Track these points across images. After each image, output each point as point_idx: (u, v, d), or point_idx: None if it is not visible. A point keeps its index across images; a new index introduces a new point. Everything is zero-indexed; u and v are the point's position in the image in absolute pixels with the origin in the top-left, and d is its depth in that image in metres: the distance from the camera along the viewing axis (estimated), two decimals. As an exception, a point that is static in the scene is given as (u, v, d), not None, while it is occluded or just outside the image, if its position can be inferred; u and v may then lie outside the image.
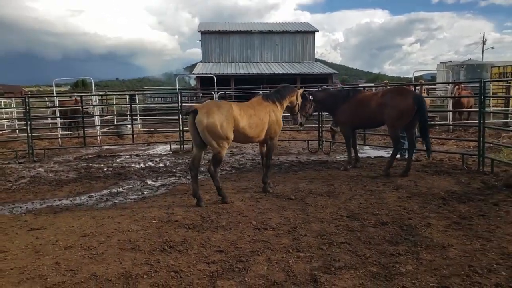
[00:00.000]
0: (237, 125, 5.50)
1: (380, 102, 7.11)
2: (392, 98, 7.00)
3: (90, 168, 8.60)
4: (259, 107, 5.92)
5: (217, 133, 5.29)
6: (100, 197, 6.16)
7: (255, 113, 5.79)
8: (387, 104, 6.98)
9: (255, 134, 5.83)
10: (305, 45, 36.28)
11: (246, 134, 5.69)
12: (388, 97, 7.07)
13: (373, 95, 7.57)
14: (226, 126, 5.34)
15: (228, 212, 5.14)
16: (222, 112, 5.34)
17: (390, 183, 6.48)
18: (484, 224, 4.46)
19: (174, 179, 7.32)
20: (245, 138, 5.83)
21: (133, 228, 4.60)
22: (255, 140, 6.03)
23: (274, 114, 6.00)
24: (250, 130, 5.71)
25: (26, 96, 10.59)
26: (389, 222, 4.59)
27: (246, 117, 5.65)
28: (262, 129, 5.87)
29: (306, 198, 5.73)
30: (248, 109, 5.78)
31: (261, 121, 5.84)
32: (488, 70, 27.64)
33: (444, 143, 10.92)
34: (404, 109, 6.84)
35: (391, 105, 6.92)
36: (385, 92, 7.35)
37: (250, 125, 5.68)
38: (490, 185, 6.15)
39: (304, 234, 4.29)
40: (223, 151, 5.50)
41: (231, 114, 5.42)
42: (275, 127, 6.04)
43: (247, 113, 5.69)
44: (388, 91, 7.46)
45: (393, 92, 7.29)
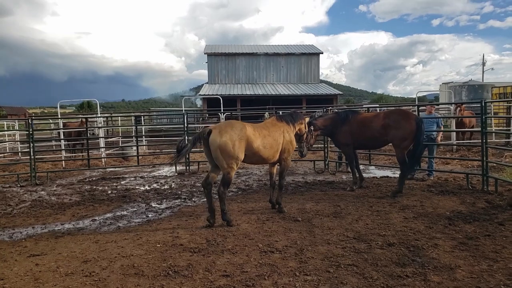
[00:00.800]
0: (250, 146, 5.52)
1: (385, 123, 7.20)
2: (398, 120, 7.12)
3: (94, 190, 8.59)
4: (273, 128, 5.98)
5: (229, 152, 5.32)
6: (104, 221, 6.12)
7: (269, 133, 5.84)
8: (393, 126, 7.09)
9: (270, 155, 5.86)
10: (310, 67, 36.78)
11: (260, 154, 5.70)
12: (394, 118, 7.17)
13: (375, 116, 7.65)
14: (238, 145, 5.38)
15: (234, 235, 5.09)
16: (235, 131, 5.40)
17: (396, 204, 6.43)
18: (490, 244, 4.41)
19: (179, 202, 7.28)
20: (259, 159, 5.83)
21: (137, 252, 4.55)
22: (270, 161, 6.03)
23: (288, 135, 6.08)
24: (265, 151, 5.73)
25: (30, 118, 10.68)
26: (396, 243, 4.53)
27: (260, 138, 5.68)
28: (277, 150, 5.93)
29: (313, 220, 5.68)
30: (262, 129, 5.83)
31: (276, 141, 5.88)
32: (488, 91, 27.81)
33: (449, 163, 10.87)
34: (410, 131, 6.98)
35: (398, 127, 7.04)
36: (388, 114, 7.43)
37: (264, 145, 5.71)
38: (494, 204, 6.11)
39: (311, 257, 4.24)
40: (232, 172, 5.52)
41: (245, 134, 5.45)
42: (289, 147, 6.11)
43: (261, 134, 5.73)
44: (392, 112, 7.56)
45: (399, 114, 7.39)
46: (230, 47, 38.86)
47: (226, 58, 35.93)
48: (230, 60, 35.96)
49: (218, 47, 38.68)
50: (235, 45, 40.72)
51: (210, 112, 23.70)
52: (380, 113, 7.74)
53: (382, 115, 7.49)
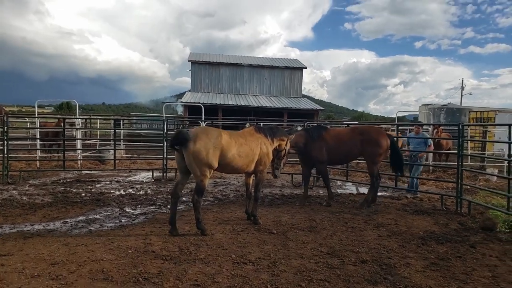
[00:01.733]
0: (225, 154, 5.43)
1: (363, 139, 7.49)
2: (375, 137, 7.49)
3: (68, 192, 8.33)
4: (251, 137, 5.93)
5: (203, 160, 5.24)
6: (75, 224, 5.94)
7: (246, 142, 5.78)
8: (372, 142, 7.42)
9: (244, 164, 5.79)
10: (293, 81, 37.20)
11: (235, 163, 5.63)
12: (372, 136, 7.51)
13: (350, 132, 7.90)
14: (212, 153, 5.30)
15: (208, 245, 5.03)
16: (210, 139, 5.32)
17: (371, 221, 6.50)
18: (461, 266, 4.50)
19: (154, 208, 7.15)
20: (234, 167, 5.75)
21: (107, 257, 4.43)
22: (244, 170, 5.96)
23: (265, 147, 6.03)
24: (240, 159, 5.67)
25: (6, 116, 10.34)
26: (369, 260, 4.57)
27: (236, 146, 5.62)
28: (252, 160, 5.86)
29: (288, 233, 5.68)
30: (238, 138, 5.77)
31: (252, 151, 5.82)
32: (466, 114, 28.89)
33: (424, 183, 11.11)
34: (386, 147, 7.54)
35: (376, 144, 7.41)
36: (364, 131, 7.75)
37: (239, 153, 5.65)
38: (467, 226, 6.25)
39: (284, 270, 4.22)
40: (205, 180, 5.43)
41: (219, 141, 5.38)
42: (265, 159, 6.06)
43: (238, 142, 5.68)
44: (367, 129, 7.90)
45: (375, 131, 7.75)
46: (215, 56, 38.97)
47: (210, 67, 35.97)
48: (214, 69, 36.02)
49: (202, 56, 38.72)
50: (220, 55, 40.87)
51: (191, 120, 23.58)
52: (354, 129, 8.02)
53: (358, 131, 7.77)
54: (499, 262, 4.65)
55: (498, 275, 4.24)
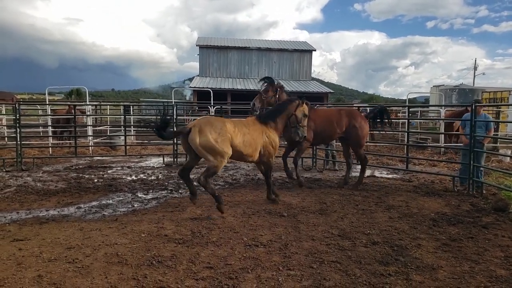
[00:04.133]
0: (232, 142, 5.52)
1: (348, 122, 7.55)
2: (360, 120, 7.61)
3: (80, 178, 8.46)
4: (253, 126, 5.93)
5: (214, 148, 5.29)
6: (89, 209, 6.05)
7: (249, 131, 5.80)
8: (357, 126, 7.52)
9: (249, 153, 5.81)
10: (302, 64, 36.73)
11: (240, 151, 5.67)
12: (356, 118, 7.60)
13: (336, 113, 7.77)
14: (221, 141, 5.36)
15: (219, 228, 5.09)
16: (215, 128, 5.36)
17: (382, 203, 6.48)
18: (473, 246, 4.48)
19: (166, 193, 7.23)
20: (239, 155, 5.80)
21: (121, 241, 4.52)
22: (249, 159, 5.99)
23: (267, 136, 5.99)
24: (244, 148, 5.69)
25: (17, 103, 10.47)
26: (380, 242, 4.57)
27: (240, 134, 5.65)
28: (255, 149, 5.86)
29: (298, 216, 5.70)
30: (242, 126, 5.78)
31: (254, 140, 5.82)
32: (479, 95, 28.24)
33: (436, 165, 11.00)
34: (368, 131, 7.85)
35: (361, 127, 7.55)
36: (349, 113, 7.73)
37: (244, 142, 5.68)
38: (479, 207, 6.20)
39: (295, 252, 4.26)
40: (221, 165, 5.49)
41: (226, 129, 5.44)
42: (269, 148, 6.02)
43: (241, 131, 5.70)
44: (352, 112, 7.85)
45: (359, 115, 7.83)
46: (223, 40, 38.57)
47: (218, 51, 35.66)
48: (222, 53, 35.71)
49: (210, 40, 38.33)
50: (228, 38, 40.43)
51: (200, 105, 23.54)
52: (340, 111, 7.87)
53: (344, 113, 7.72)
54: (511, 242, 4.61)
55: (511, 255, 4.21)
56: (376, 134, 19.41)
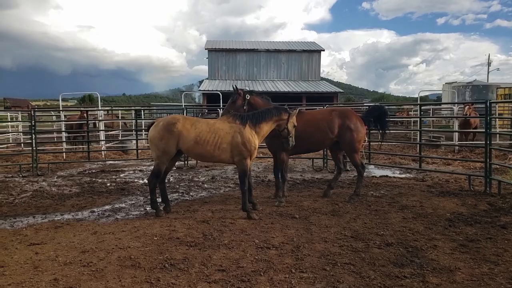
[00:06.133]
0: (182, 140, 5.57)
1: (340, 123, 6.56)
2: (356, 121, 6.62)
3: (93, 183, 8.57)
4: (221, 125, 5.68)
5: (156, 145, 5.63)
6: (102, 213, 6.11)
7: (210, 130, 5.60)
8: (350, 127, 6.52)
9: (208, 152, 5.60)
10: (311, 64, 36.60)
11: (194, 150, 5.64)
12: (351, 119, 6.60)
13: (324, 115, 6.76)
14: (165, 140, 5.57)
15: (231, 230, 5.08)
16: (166, 126, 5.59)
17: (395, 204, 6.39)
18: (492, 247, 4.36)
19: (177, 195, 7.27)
20: (199, 154, 5.80)
21: (134, 244, 4.54)
22: (215, 159, 5.80)
23: (239, 136, 5.56)
24: (197, 146, 5.57)
25: (32, 110, 10.68)
26: (394, 243, 4.50)
27: (194, 133, 5.56)
28: (218, 148, 5.58)
29: (310, 217, 5.66)
30: (203, 125, 5.66)
31: (216, 139, 5.56)
32: (493, 91, 27.64)
33: (450, 164, 10.81)
34: (364, 133, 6.90)
35: (356, 128, 6.55)
36: (341, 114, 6.70)
37: (197, 141, 5.54)
38: (497, 207, 6.04)
39: (308, 254, 4.22)
40: (161, 165, 5.72)
41: (175, 128, 5.54)
42: (240, 149, 5.56)
43: (199, 129, 5.59)
44: (346, 112, 6.78)
45: (354, 115, 6.80)
46: (231, 43, 38.73)
47: (227, 54, 35.80)
48: (230, 56, 35.83)
49: (219, 43, 38.54)
50: (236, 41, 40.57)
51: (209, 108, 23.64)
52: (332, 112, 6.81)
53: (336, 113, 6.68)
54: (531, 242, 4.49)
55: (531, 256, 4.09)
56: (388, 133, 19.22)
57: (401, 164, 10.99)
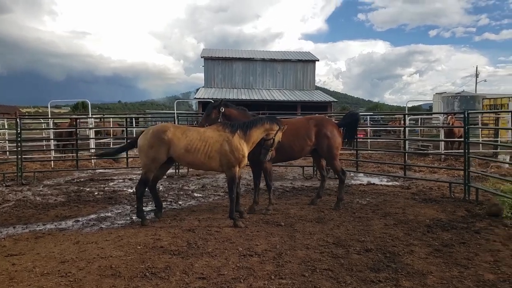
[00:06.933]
0: (173, 148, 5.66)
1: (318, 132, 6.70)
2: (332, 128, 6.77)
3: (81, 191, 8.55)
4: (211, 133, 5.74)
5: (145, 153, 5.71)
6: (87, 222, 6.11)
7: (200, 138, 5.66)
8: (326, 134, 6.66)
9: (201, 160, 5.68)
10: (306, 73, 37.05)
11: (185, 158, 5.72)
12: (327, 127, 6.74)
13: (302, 123, 6.89)
14: (156, 148, 5.66)
15: (216, 238, 5.13)
16: (156, 134, 5.68)
17: (379, 211, 6.50)
18: (464, 251, 4.50)
19: (165, 204, 7.27)
20: (190, 162, 5.89)
21: (116, 253, 4.56)
22: (205, 167, 5.88)
23: (227, 144, 5.62)
24: (188, 155, 5.64)
25: (18, 118, 10.61)
26: (374, 249, 4.59)
27: (185, 141, 5.63)
28: (209, 157, 5.64)
29: (295, 225, 5.73)
30: (193, 133, 5.73)
31: (206, 148, 5.62)
32: (480, 102, 28.23)
33: (436, 172, 10.98)
34: (341, 141, 6.93)
35: (333, 136, 6.69)
36: (319, 122, 6.84)
37: (187, 149, 5.62)
38: (474, 213, 6.21)
39: (289, 261, 4.29)
40: (149, 173, 5.81)
41: (166, 136, 5.62)
42: (229, 157, 5.62)
43: (189, 137, 5.66)
44: (322, 120, 6.94)
45: (330, 123, 6.98)
46: (227, 52, 39.07)
47: (223, 63, 36.07)
48: (227, 65, 36.11)
49: (215, 51, 38.85)
50: (233, 50, 40.93)
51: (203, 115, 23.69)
52: (309, 120, 6.95)
53: (313, 122, 6.84)
54: (502, 247, 4.63)
55: (500, 259, 4.23)
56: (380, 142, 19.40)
57: (390, 172, 11.13)
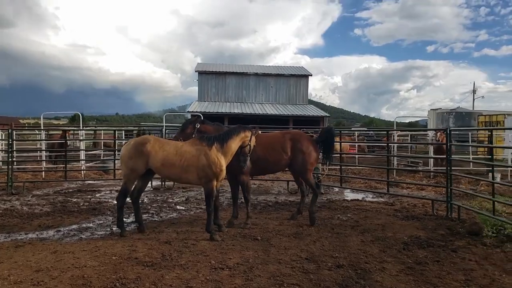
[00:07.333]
0: (151, 160, 5.73)
1: (293, 147, 6.76)
2: (307, 144, 6.84)
3: (67, 202, 8.59)
4: (188, 148, 5.76)
5: (125, 164, 5.82)
6: (68, 232, 6.15)
7: (177, 152, 5.70)
8: (302, 150, 6.73)
9: (175, 174, 5.80)
10: (299, 88, 37.40)
11: (162, 171, 5.89)
12: (302, 142, 6.81)
13: (278, 138, 6.97)
14: (135, 159, 5.75)
15: (191, 251, 5.16)
16: (136, 146, 5.80)
17: (358, 227, 6.53)
18: (437, 270, 4.52)
19: (147, 216, 7.33)
20: (168, 175, 6.07)
21: (91, 264, 4.60)
22: (183, 181, 6.03)
23: (204, 158, 5.63)
24: (165, 168, 5.74)
25: (10, 129, 10.75)
26: (345, 265, 4.63)
27: (162, 155, 5.70)
28: (185, 171, 5.68)
29: (272, 239, 5.77)
30: (171, 148, 5.79)
31: (182, 162, 5.64)
32: (476, 118, 28.50)
33: (424, 189, 11.01)
34: (318, 156, 7.07)
35: (308, 152, 6.76)
36: (294, 137, 6.90)
37: (163, 163, 5.69)
38: (454, 231, 6.22)
39: (258, 275, 4.32)
40: (128, 183, 5.92)
41: (144, 148, 5.73)
42: (207, 171, 5.63)
43: (166, 151, 5.71)
44: (297, 135, 7.01)
45: (306, 138, 7.03)
46: (221, 66, 39.57)
47: (217, 77, 36.51)
48: (220, 79, 36.54)
49: (209, 66, 39.45)
50: (226, 64, 41.42)
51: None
52: (284, 135, 7.03)
53: (289, 136, 6.92)
54: (477, 266, 4.64)
55: (471, 278, 4.25)
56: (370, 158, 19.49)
57: (377, 188, 11.16)
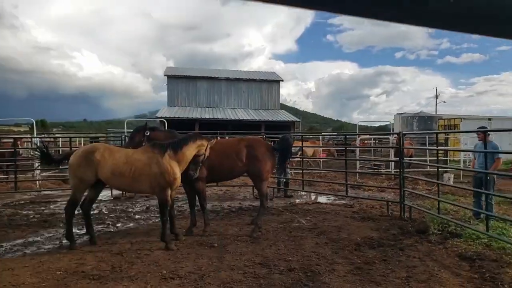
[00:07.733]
0: (100, 170, 5.46)
1: (249, 154, 6.51)
2: (264, 151, 6.59)
3: (16, 215, 8.12)
4: (139, 156, 5.52)
5: (74, 173, 5.59)
6: (11, 247, 5.80)
7: (127, 161, 5.44)
8: (257, 157, 6.48)
9: (126, 184, 5.60)
10: (270, 93, 37.68)
11: (111, 181, 5.60)
12: (258, 149, 6.57)
13: (234, 144, 6.80)
14: (83, 168, 5.51)
15: (143, 262, 5.02)
16: (85, 154, 5.57)
17: (315, 229, 6.61)
18: (382, 268, 4.64)
19: (102, 227, 7.07)
20: (117, 186, 5.96)
21: (31, 280, 4.36)
22: (135, 190, 5.90)
23: (157, 166, 5.40)
24: (114, 178, 5.45)
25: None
26: (297, 268, 4.65)
27: (111, 163, 5.43)
28: (136, 180, 5.43)
29: (229, 246, 5.71)
30: (121, 156, 5.52)
31: (132, 171, 5.39)
32: (437, 122, 29.82)
33: (384, 191, 11.31)
34: (274, 163, 6.83)
35: (263, 159, 6.51)
36: (250, 144, 6.68)
37: (112, 172, 5.41)
38: (405, 230, 6.43)
39: (209, 283, 4.26)
40: (77, 193, 5.74)
41: (94, 157, 5.47)
42: (159, 180, 5.41)
43: (115, 160, 5.44)
44: (254, 142, 6.80)
45: (261, 144, 6.79)
46: (192, 70, 39.18)
47: (187, 81, 36.08)
48: (191, 83, 36.14)
49: (179, 70, 38.95)
50: (197, 68, 41.14)
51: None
52: (240, 141, 6.83)
53: (244, 143, 6.69)
54: (419, 262, 4.82)
55: (412, 275, 4.40)
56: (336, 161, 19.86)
57: (339, 191, 11.35)
